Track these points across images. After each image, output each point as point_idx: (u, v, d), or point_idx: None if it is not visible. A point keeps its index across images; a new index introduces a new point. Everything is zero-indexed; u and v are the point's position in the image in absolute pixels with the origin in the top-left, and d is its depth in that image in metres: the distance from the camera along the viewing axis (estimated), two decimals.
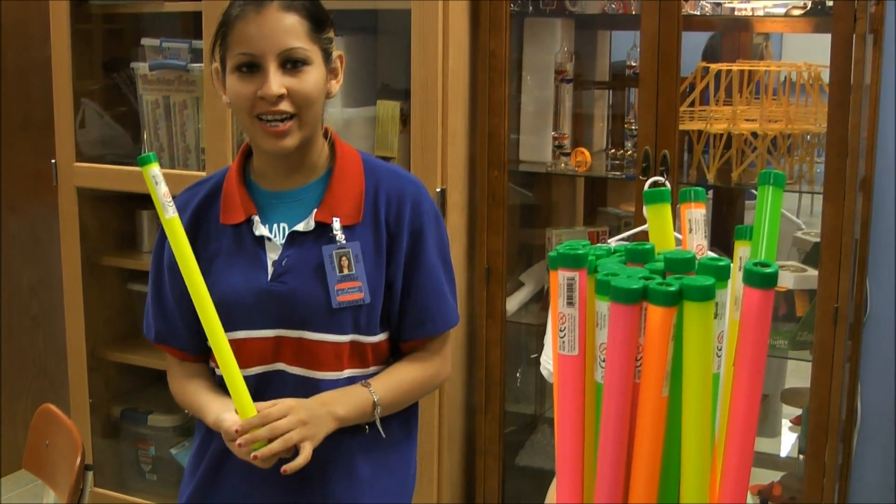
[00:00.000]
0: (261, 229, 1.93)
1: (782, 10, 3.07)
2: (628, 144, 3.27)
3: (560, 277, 1.03)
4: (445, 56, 2.99)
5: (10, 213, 4.28)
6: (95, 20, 3.70)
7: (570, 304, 1.03)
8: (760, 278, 0.96)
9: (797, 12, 3.00)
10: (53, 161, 3.61)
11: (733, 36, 3.48)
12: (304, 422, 1.81)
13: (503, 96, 3.11)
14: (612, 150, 3.30)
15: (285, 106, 1.84)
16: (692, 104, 3.08)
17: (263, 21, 1.83)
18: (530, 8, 3.22)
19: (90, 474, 2.27)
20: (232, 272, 1.92)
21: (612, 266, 1.05)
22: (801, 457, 3.09)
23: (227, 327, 1.85)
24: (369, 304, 1.92)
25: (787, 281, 3.10)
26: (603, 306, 1.01)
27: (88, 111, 3.68)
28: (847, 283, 2.80)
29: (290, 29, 1.85)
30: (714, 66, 3.08)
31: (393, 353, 2.05)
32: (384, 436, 1.98)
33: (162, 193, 1.75)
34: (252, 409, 1.80)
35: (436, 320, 2.01)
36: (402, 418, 2.07)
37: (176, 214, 1.77)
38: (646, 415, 0.99)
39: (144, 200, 3.68)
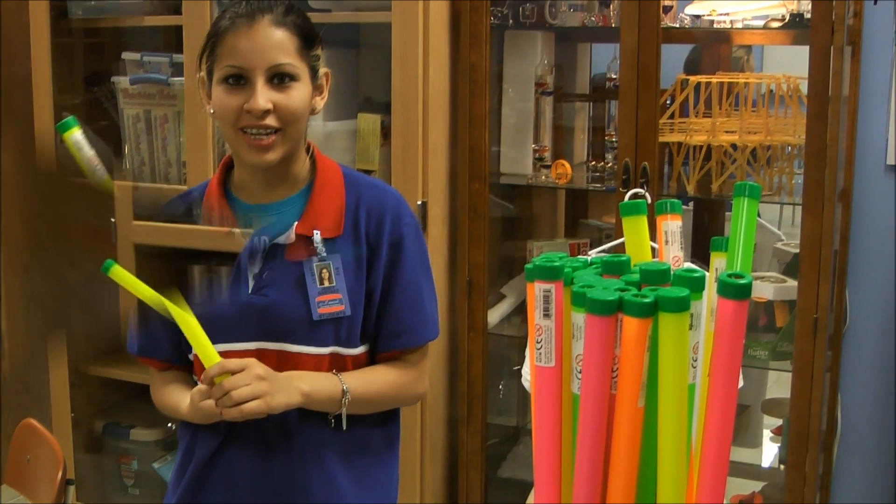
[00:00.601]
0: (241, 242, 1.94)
1: (761, 23, 3.10)
2: (609, 156, 3.28)
3: (536, 289, 1.04)
4: (426, 69, 3.01)
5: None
6: (76, 34, 3.70)
7: (547, 315, 1.04)
8: (734, 289, 0.97)
9: (776, 24, 3.02)
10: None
11: (713, 48, 3.51)
12: (260, 377, 1.80)
13: (484, 109, 3.13)
14: (593, 163, 3.33)
15: (271, 121, 1.85)
16: (672, 116, 3.10)
17: (254, 35, 1.85)
18: (510, 21, 3.24)
19: (72, 489, 2.28)
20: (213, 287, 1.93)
21: (588, 278, 1.06)
22: (782, 467, 3.11)
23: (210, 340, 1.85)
24: (350, 316, 1.93)
25: (766, 292, 3.11)
26: (579, 318, 1.01)
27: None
28: (826, 293, 2.81)
29: (280, 44, 1.86)
30: (693, 79, 3.10)
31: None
32: (344, 427, 1.97)
33: (88, 158, 1.71)
34: (215, 356, 1.80)
35: (412, 333, 2.02)
36: (384, 430, 2.07)
37: (108, 175, 1.74)
38: (622, 425, 1.00)
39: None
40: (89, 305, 1.91)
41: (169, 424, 3.75)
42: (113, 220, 3.50)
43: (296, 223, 1.94)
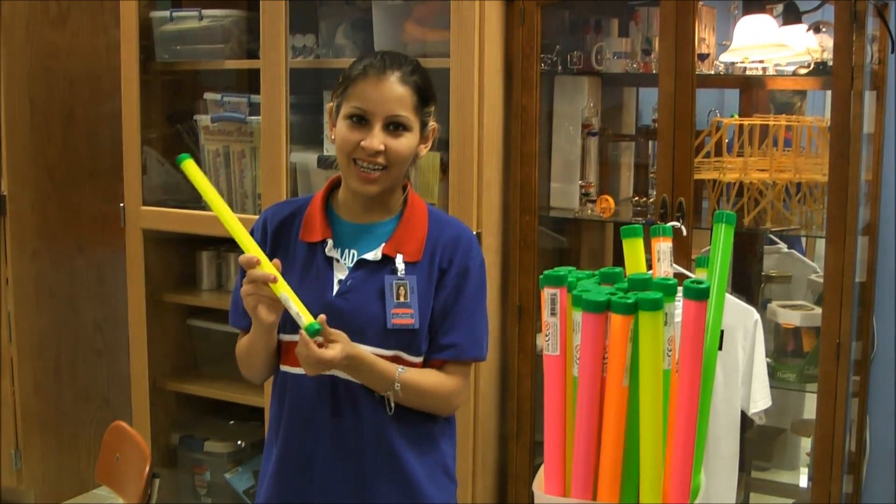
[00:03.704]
0: (332, 251, 2.25)
1: (791, 69, 3.33)
2: (652, 192, 3.49)
3: (546, 294, 1.31)
4: (481, 111, 3.27)
5: (79, 254, 4.56)
6: (159, 74, 4.02)
7: (553, 314, 1.31)
8: (696, 293, 1.23)
9: (803, 71, 3.25)
10: (122, 205, 3.91)
11: (750, 92, 3.73)
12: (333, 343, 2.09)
13: (534, 148, 3.39)
14: (636, 198, 3.55)
15: (381, 159, 2.18)
16: (708, 155, 3.32)
17: (382, 86, 2.17)
18: (559, 67, 3.50)
19: (157, 481, 2.54)
20: (302, 284, 2.22)
21: (588, 285, 1.32)
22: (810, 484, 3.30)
23: (293, 330, 2.17)
24: (417, 329, 2.23)
25: (794, 319, 3.33)
26: (577, 316, 1.28)
27: (150, 159, 3.97)
28: (848, 320, 3.02)
29: (401, 99, 2.19)
30: (727, 121, 3.33)
31: None
32: (391, 410, 2.24)
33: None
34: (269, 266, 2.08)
35: (460, 348, 2.29)
36: (439, 421, 2.35)
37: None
38: (611, 401, 1.26)
39: (204, 242, 3.99)
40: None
41: (239, 442, 4.02)
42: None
43: (383, 244, 2.24)
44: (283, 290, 2.06)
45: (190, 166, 2.16)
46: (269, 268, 2.06)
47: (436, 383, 2.27)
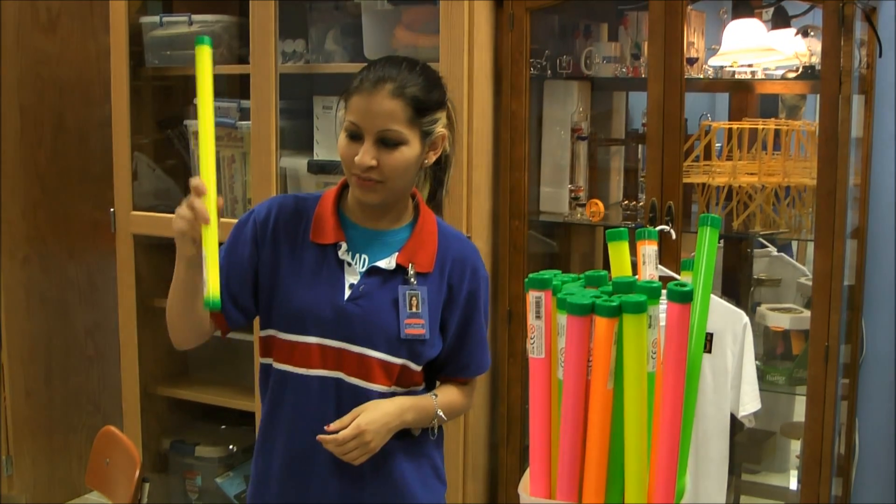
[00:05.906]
0: (345, 255, 2.25)
1: (780, 73, 3.34)
2: (642, 196, 3.50)
3: (530, 297, 1.32)
4: (470, 116, 3.28)
5: (70, 260, 4.56)
6: (150, 80, 4.02)
7: (538, 317, 1.31)
8: (679, 295, 1.24)
9: (792, 75, 3.26)
10: (112, 210, 3.90)
11: (739, 96, 3.74)
12: (366, 443, 2.15)
13: (523, 152, 3.39)
14: (625, 202, 3.55)
15: (374, 174, 2.16)
16: (697, 159, 3.33)
17: (372, 101, 2.15)
18: (549, 72, 3.51)
19: (147, 486, 2.54)
20: (312, 285, 2.23)
21: (573, 288, 1.33)
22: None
23: (301, 331, 2.20)
24: (427, 339, 2.25)
25: (783, 322, 3.34)
26: (562, 318, 1.28)
27: (141, 165, 3.97)
28: (837, 323, 3.03)
29: (392, 113, 2.15)
30: (716, 125, 3.34)
31: (426, 381, 2.37)
32: (433, 437, 2.35)
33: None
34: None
35: (478, 366, 2.39)
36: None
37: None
38: (595, 404, 1.27)
39: None
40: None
41: (230, 446, 4.01)
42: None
43: (397, 253, 2.25)
44: (208, 247, 1.96)
45: (204, 53, 2.01)
46: (212, 207, 1.99)
47: (464, 401, 2.39)
